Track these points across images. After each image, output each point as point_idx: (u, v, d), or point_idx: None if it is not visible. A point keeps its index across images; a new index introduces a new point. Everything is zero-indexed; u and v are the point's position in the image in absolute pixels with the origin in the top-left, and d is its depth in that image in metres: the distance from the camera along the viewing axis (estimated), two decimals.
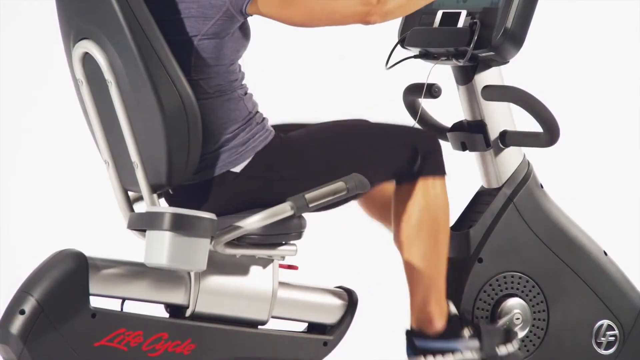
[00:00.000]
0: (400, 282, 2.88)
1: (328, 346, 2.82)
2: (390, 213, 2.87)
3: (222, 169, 2.68)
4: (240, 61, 2.72)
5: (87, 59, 2.64)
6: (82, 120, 2.75)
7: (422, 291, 2.83)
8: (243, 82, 2.73)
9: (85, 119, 2.74)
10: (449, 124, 3.11)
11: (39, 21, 5.09)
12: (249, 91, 2.74)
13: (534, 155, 3.08)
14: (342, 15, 2.64)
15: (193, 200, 2.71)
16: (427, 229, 2.81)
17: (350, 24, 2.67)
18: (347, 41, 5.09)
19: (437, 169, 2.82)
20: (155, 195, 2.64)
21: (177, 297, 2.69)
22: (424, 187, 2.81)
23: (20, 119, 5.19)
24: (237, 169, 2.69)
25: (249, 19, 2.67)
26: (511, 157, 3.03)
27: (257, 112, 2.73)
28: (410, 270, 2.84)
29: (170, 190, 2.71)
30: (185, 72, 2.60)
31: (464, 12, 2.91)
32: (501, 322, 2.96)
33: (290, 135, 2.75)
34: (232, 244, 2.66)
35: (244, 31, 2.68)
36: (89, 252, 2.65)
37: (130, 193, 2.75)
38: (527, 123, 3.00)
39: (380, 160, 2.78)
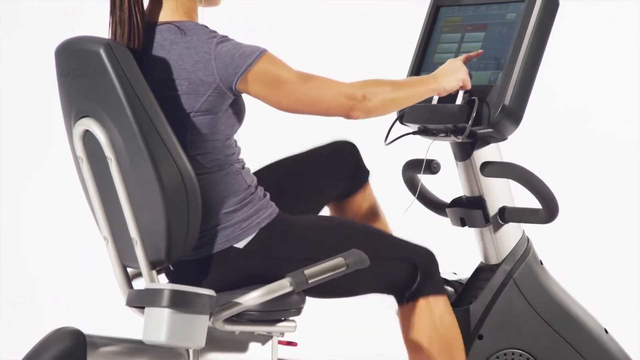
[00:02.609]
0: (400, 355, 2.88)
1: None
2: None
3: (225, 245, 2.68)
4: (235, 136, 2.73)
5: (87, 136, 2.66)
6: (81, 197, 2.76)
7: None
8: (240, 157, 2.74)
9: (85, 195, 2.74)
10: (448, 199, 3.11)
11: (38, 104, 5.15)
12: (246, 165, 2.75)
13: (532, 228, 3.09)
14: (327, 106, 2.67)
15: (193, 275, 2.70)
16: (442, 349, 2.81)
17: (333, 116, 2.69)
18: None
19: (438, 287, 2.83)
20: (154, 272, 2.63)
21: None
22: (428, 308, 2.82)
23: (20, 193, 5.20)
24: (240, 244, 2.68)
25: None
26: (510, 234, 3.03)
27: (258, 186, 2.74)
28: None
29: (170, 266, 2.70)
30: (182, 148, 2.61)
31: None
32: None
33: (294, 218, 2.75)
34: (231, 320, 2.65)
35: (239, 106, 2.69)
36: (87, 330, 2.64)
37: (129, 269, 2.75)
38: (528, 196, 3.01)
39: (380, 266, 2.77)
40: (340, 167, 2.99)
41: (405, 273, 2.80)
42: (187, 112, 2.63)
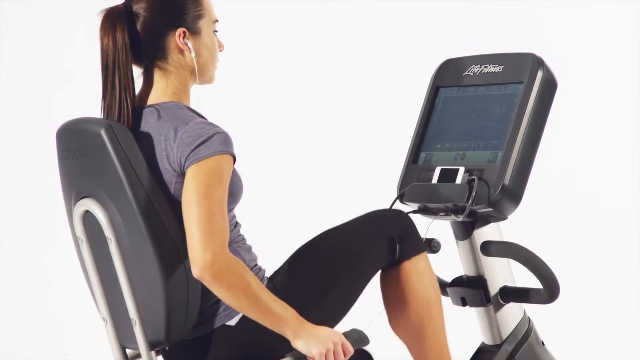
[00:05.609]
0: None
1: None
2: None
3: (218, 323, 2.67)
4: (237, 215, 2.73)
5: (87, 216, 2.66)
6: (80, 278, 2.75)
7: None
8: (240, 233, 2.73)
9: (84, 276, 2.74)
10: (448, 278, 3.11)
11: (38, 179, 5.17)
12: (247, 242, 2.74)
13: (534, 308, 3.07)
14: (206, 232, 2.54)
15: (189, 355, 2.68)
16: (420, 309, 2.81)
17: (189, 248, 2.56)
18: (347, 188, 5.15)
19: (417, 247, 2.82)
20: (153, 353, 2.62)
21: None
22: (407, 270, 2.81)
23: (22, 284, 5.19)
24: (232, 322, 2.67)
25: None
26: (511, 314, 3.02)
27: (256, 265, 2.73)
28: (414, 351, 2.84)
29: (166, 347, 2.69)
30: (180, 227, 2.61)
31: (462, 169, 2.94)
32: None
33: (276, 282, 2.73)
34: None
35: (234, 187, 2.67)
36: None
37: (128, 350, 2.73)
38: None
39: (362, 265, 2.77)
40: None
41: (386, 249, 2.79)
42: (175, 196, 2.64)
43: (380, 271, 2.85)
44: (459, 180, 2.93)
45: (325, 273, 2.74)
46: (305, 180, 5.24)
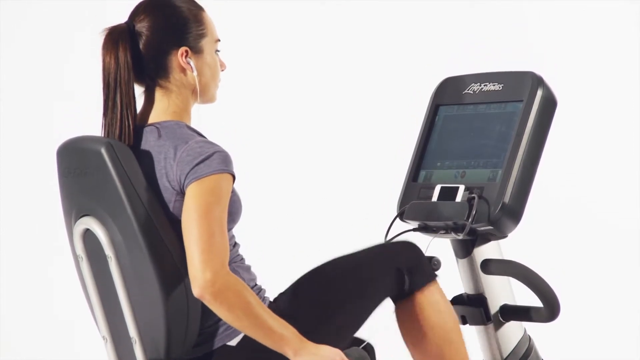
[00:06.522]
0: None
1: None
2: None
3: (219, 343, 2.66)
4: (236, 237, 2.73)
5: (87, 235, 2.66)
6: (80, 297, 2.75)
7: None
8: (239, 253, 2.73)
9: (84, 295, 2.74)
10: (449, 297, 3.10)
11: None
12: (247, 262, 2.74)
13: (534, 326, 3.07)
14: (206, 250, 2.54)
15: None
16: (439, 339, 2.79)
17: (189, 266, 2.56)
18: (347, 206, 5.15)
19: (428, 276, 2.80)
20: None
21: None
22: (421, 300, 2.79)
23: (21, 311, 5.20)
24: (233, 342, 2.66)
25: None
26: (512, 332, 3.01)
27: (256, 285, 2.73)
28: None
29: None
30: (180, 245, 2.61)
31: (462, 187, 2.94)
32: None
33: (279, 303, 2.73)
34: None
35: (233, 207, 2.67)
36: None
37: None
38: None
39: (370, 293, 2.75)
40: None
41: (395, 280, 2.77)
42: (175, 214, 2.64)
43: (394, 306, 2.83)
44: (459, 198, 2.93)
45: (330, 297, 2.72)
46: (305, 201, 5.24)
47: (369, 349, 2.81)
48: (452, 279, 3.12)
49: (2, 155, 5.28)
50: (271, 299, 2.73)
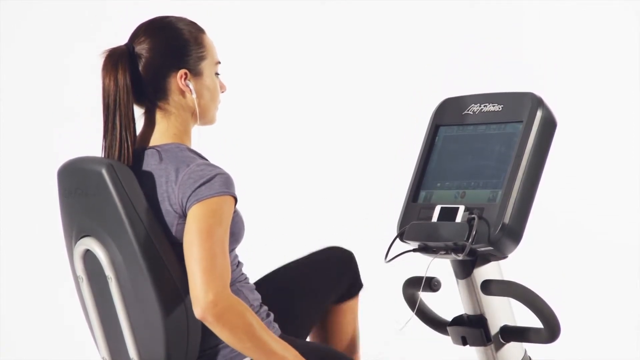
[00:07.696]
0: None
1: None
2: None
3: None
4: (239, 255, 2.73)
5: (87, 255, 2.66)
6: (80, 317, 2.75)
7: None
8: (242, 272, 2.73)
9: (84, 315, 2.73)
10: (449, 317, 3.10)
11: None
12: (250, 282, 2.74)
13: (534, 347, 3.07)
14: (208, 272, 2.55)
15: None
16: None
17: (191, 286, 2.57)
18: (347, 226, 5.15)
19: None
20: None
21: None
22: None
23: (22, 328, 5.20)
24: None
25: None
26: (512, 353, 3.01)
27: (262, 305, 2.73)
28: None
29: None
30: (181, 267, 2.61)
31: (462, 207, 2.94)
32: None
33: (293, 340, 2.74)
34: None
35: (236, 227, 2.67)
36: None
37: None
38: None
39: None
40: (341, 275, 3.00)
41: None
42: (177, 237, 2.63)
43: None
44: (459, 218, 2.93)
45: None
46: (306, 221, 5.24)
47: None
48: (452, 299, 3.12)
49: (2, 157, 5.29)
50: (277, 326, 2.75)
